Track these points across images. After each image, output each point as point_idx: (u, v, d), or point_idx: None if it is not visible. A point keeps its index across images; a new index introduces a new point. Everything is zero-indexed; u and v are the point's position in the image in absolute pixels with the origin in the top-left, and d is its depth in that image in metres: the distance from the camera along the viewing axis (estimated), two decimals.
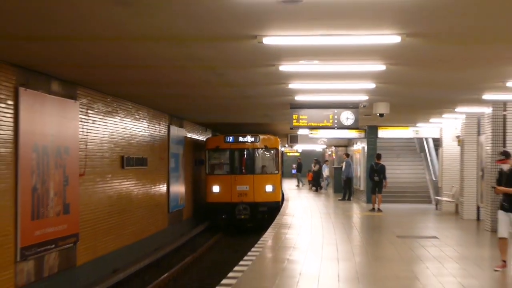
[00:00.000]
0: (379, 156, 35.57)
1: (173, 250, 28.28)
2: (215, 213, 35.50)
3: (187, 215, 38.14)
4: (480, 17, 11.03)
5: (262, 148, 36.48)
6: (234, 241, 32.46)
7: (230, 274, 15.24)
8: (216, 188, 35.17)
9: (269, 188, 35.47)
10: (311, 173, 60.84)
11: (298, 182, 66.88)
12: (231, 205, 34.30)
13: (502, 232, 15.24)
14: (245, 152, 36.01)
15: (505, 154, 15.42)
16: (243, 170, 35.61)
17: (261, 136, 36.49)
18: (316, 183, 59.20)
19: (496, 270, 14.95)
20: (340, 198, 43.83)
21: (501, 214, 15.55)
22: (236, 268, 16.18)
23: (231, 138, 35.60)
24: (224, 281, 14.45)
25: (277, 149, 37.68)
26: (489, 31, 12.30)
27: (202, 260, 26.54)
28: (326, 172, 59.91)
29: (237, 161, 36.14)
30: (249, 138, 35.72)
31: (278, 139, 39.57)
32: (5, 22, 11.49)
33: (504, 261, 15.14)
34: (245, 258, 17.58)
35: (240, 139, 36.16)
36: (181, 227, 34.44)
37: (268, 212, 34.13)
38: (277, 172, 37.94)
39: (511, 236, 15.14)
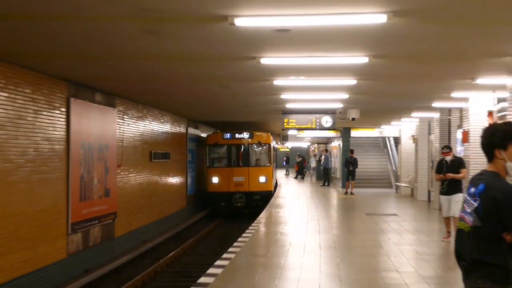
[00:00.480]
0: (352, 151, 35.44)
1: (190, 225, 28.20)
2: (214, 201, 32.24)
3: (200, 197, 34.64)
4: (429, 43, 11.12)
5: (256, 144, 32.80)
6: (237, 219, 30.81)
7: (235, 244, 15.27)
8: (215, 179, 31.56)
9: (262, 179, 31.75)
10: (297, 165, 60.75)
11: (287, 172, 66.82)
12: (229, 194, 30.96)
13: (445, 212, 15.22)
14: (241, 147, 32.48)
15: (449, 148, 15.30)
16: (239, 163, 32.10)
17: (255, 133, 32.90)
18: (300, 173, 59.19)
19: (443, 240, 14.99)
20: (321, 184, 43.79)
21: (442, 199, 15.56)
22: (239, 239, 16.24)
23: (228, 135, 32.22)
24: (230, 249, 14.47)
25: (269, 145, 33.78)
26: (437, 54, 12.37)
27: (212, 233, 26.51)
28: (313, 163, 59.81)
29: (234, 155, 32.50)
30: (244, 135, 32.30)
31: (270, 136, 35.33)
32: (60, 45, 11.54)
33: (449, 232, 15.15)
34: (246, 231, 17.63)
35: (237, 135, 32.57)
36: (196, 207, 33.38)
37: (261, 200, 30.63)
38: (269, 164, 33.52)
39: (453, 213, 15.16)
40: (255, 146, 32.95)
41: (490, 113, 18.63)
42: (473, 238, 4.83)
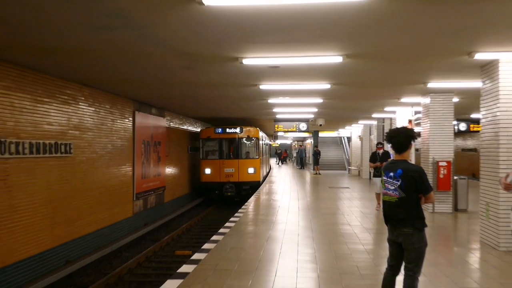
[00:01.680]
0: (316, 146, 35.70)
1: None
2: (207, 190, 25.04)
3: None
4: (370, 75, 11.14)
5: (245, 137, 25.07)
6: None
7: (243, 206, 15.29)
8: (208, 170, 24.25)
9: (251, 170, 24.48)
10: (277, 155, 60.77)
11: (278, 161, 66.30)
12: (220, 184, 23.95)
13: (377, 190, 14.60)
14: (231, 141, 24.84)
15: (381, 144, 14.84)
16: (230, 156, 24.68)
17: (244, 128, 25.17)
18: (282, 161, 59.13)
19: (377, 210, 14.71)
20: (299, 168, 43.74)
21: (375, 180, 14.78)
22: (245, 203, 16.28)
23: (220, 130, 24.74)
24: (239, 210, 14.52)
25: (257, 138, 25.74)
26: (376, 82, 12.39)
27: (223, 204, 26.44)
28: (294, 154, 59.78)
29: (225, 148, 24.96)
30: (234, 129, 24.89)
31: (259, 130, 26.68)
32: (129, 76, 11.57)
33: (379, 204, 14.86)
34: (249, 200, 17.61)
35: (227, 130, 24.92)
36: None
37: (250, 190, 23.85)
38: (257, 157, 25.55)
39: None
40: (245, 140, 25.11)
41: (410, 121, 18.67)
42: (399, 205, 5.14)
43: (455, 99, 14.69)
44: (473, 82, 11.67)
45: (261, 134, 27.18)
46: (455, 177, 14.00)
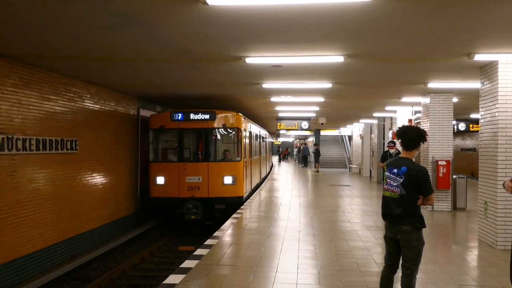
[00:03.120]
0: (316, 145, 35.84)
1: None
2: (159, 210, 16.28)
3: None
4: (371, 74, 11.14)
5: (219, 128, 15.85)
6: None
7: (245, 203, 15.32)
8: (160, 179, 15.28)
9: (228, 179, 15.38)
10: (282, 153, 60.58)
11: (279, 159, 65.99)
12: (179, 202, 14.96)
13: None
14: (197, 134, 15.53)
15: (393, 143, 14.13)
16: (195, 157, 15.49)
17: (219, 113, 15.58)
18: (282, 158, 58.98)
19: None
20: (301, 165, 43.65)
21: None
22: (248, 200, 16.32)
23: (179, 115, 15.64)
24: (242, 207, 14.55)
25: (239, 129, 15.91)
26: (377, 82, 12.39)
27: None
28: (295, 152, 59.69)
29: (188, 144, 15.90)
30: (202, 115, 15.61)
31: (241, 117, 16.35)
32: (135, 76, 11.58)
33: None
34: (251, 197, 17.64)
35: (192, 116, 15.66)
36: None
37: (227, 210, 14.87)
38: (239, 159, 15.74)
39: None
40: (220, 132, 15.78)
41: (410, 120, 18.66)
42: (399, 202, 5.12)
43: (455, 99, 14.67)
44: (472, 82, 11.66)
45: (247, 124, 17.46)
46: (454, 176, 13.99)
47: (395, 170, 5.14)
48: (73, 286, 10.34)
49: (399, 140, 5.27)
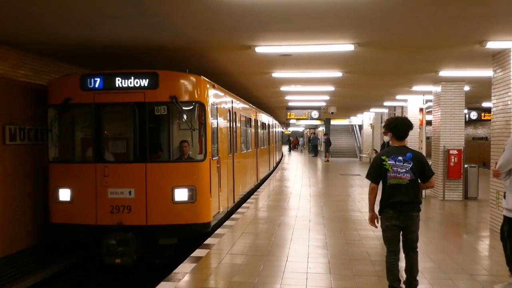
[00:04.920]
0: (326, 134, 35.72)
1: None
2: (64, 244, 9.22)
3: None
4: (382, 63, 11.07)
5: (167, 103, 8.02)
6: None
7: (255, 193, 15.33)
8: (64, 193, 8.10)
9: (181, 194, 7.90)
10: (293, 142, 60.49)
11: (289, 148, 65.73)
12: (95, 233, 7.90)
13: None
14: (127, 112, 8.40)
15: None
16: (125, 154, 8.47)
17: (165, 77, 8.01)
18: (292, 148, 58.92)
19: None
20: (312, 155, 43.51)
21: None
22: (258, 190, 16.31)
23: (97, 81, 7.97)
24: (252, 196, 14.55)
25: (202, 105, 8.14)
26: (387, 70, 12.33)
27: None
28: (300, 142, 59.60)
29: (110, 132, 8.75)
30: (136, 80, 7.92)
31: (207, 84, 8.57)
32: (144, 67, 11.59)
33: None
34: (261, 187, 17.65)
35: (117, 82, 7.95)
36: None
37: (177, 247, 8.20)
38: (201, 156, 8.18)
39: None
40: (166, 109, 8.40)
41: (421, 109, 18.48)
42: (409, 187, 5.32)
43: (466, 88, 14.53)
44: (484, 70, 11.55)
45: (224, 98, 10.50)
46: (466, 165, 13.90)
47: (400, 158, 5.32)
48: None
49: (390, 133, 5.52)
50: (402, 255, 5.51)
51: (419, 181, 5.40)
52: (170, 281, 6.20)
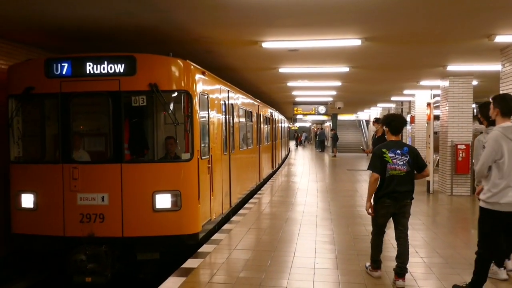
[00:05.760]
0: (332, 129, 35.58)
1: None
2: (27, 259, 8.05)
3: None
4: (389, 58, 11.03)
5: (147, 92, 6.71)
6: None
7: (262, 188, 15.33)
8: (27, 199, 6.98)
9: (163, 199, 6.75)
10: (299, 138, 60.37)
11: (296, 144, 65.29)
12: (63, 245, 6.79)
13: None
14: (100, 104, 7.23)
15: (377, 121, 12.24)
16: (97, 152, 7.43)
17: (143, 62, 6.80)
18: (299, 143, 58.88)
19: None
20: (318, 150, 43.40)
21: None
22: (265, 185, 16.33)
23: (64, 66, 6.79)
24: (259, 192, 14.56)
25: (188, 95, 6.95)
26: (394, 65, 12.29)
27: None
28: (303, 137, 59.44)
29: (80, 126, 7.57)
30: (109, 65, 6.74)
31: (193, 68, 7.26)
32: None
33: None
34: (269, 181, 17.65)
35: (88, 68, 6.78)
36: None
37: (158, 262, 7.02)
38: (187, 155, 6.96)
39: None
40: (145, 100, 6.97)
41: (429, 104, 18.41)
42: (406, 178, 5.81)
43: (475, 82, 14.46)
44: (492, 65, 11.49)
45: (216, 86, 9.02)
46: (474, 160, 13.83)
47: (398, 151, 5.82)
48: None
49: (387, 128, 6.04)
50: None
51: (415, 172, 5.89)
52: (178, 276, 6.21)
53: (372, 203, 5.94)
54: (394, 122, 5.95)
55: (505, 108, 5.04)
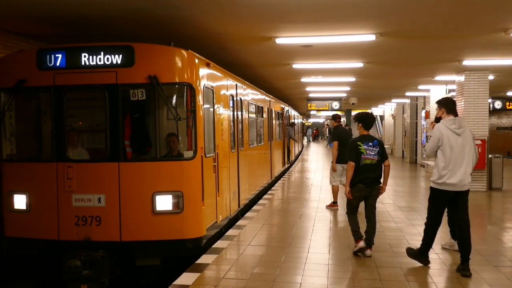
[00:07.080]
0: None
1: None
2: (19, 263, 7.39)
3: None
4: (404, 53, 10.97)
5: (146, 85, 6.14)
6: None
7: (276, 184, 15.35)
8: (19, 200, 6.50)
9: (164, 201, 6.24)
10: (313, 134, 60.25)
11: (308, 140, 64.74)
12: (58, 249, 6.32)
13: (334, 181, 10.70)
14: (96, 98, 6.75)
15: (339, 117, 11.43)
16: (93, 150, 6.89)
17: (142, 52, 6.25)
18: (313, 139, 58.68)
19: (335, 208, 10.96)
20: (331, 146, 43.04)
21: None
22: (279, 181, 16.32)
23: (58, 58, 6.24)
24: (273, 188, 14.55)
25: (191, 88, 6.36)
26: (409, 60, 12.21)
27: None
28: (309, 133, 59.37)
29: (75, 122, 7.00)
30: (106, 56, 6.21)
31: (197, 59, 6.71)
32: None
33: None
34: (282, 178, 17.63)
35: (84, 59, 6.23)
36: None
37: (164, 267, 6.63)
38: (190, 153, 6.43)
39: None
40: (145, 93, 6.31)
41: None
42: (376, 166, 6.94)
43: (491, 77, 14.31)
44: (509, 59, 11.37)
45: (222, 79, 8.45)
46: (490, 156, 13.70)
47: (370, 143, 6.89)
48: None
49: (359, 124, 7.06)
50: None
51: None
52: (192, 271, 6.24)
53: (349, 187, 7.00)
54: (368, 119, 7.13)
55: (447, 108, 6.49)
